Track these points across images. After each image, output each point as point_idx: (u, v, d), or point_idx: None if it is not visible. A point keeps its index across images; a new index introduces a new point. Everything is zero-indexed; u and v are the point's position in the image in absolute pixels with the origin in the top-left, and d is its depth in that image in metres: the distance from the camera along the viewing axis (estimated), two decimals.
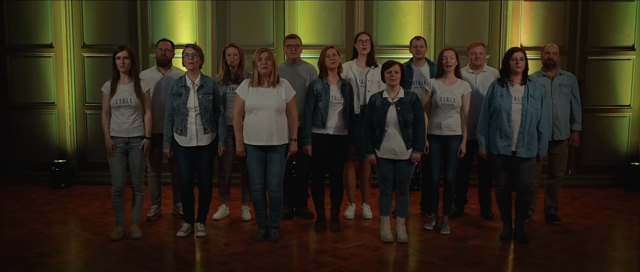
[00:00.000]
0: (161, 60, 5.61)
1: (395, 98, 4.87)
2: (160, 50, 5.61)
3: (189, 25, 7.12)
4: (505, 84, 4.93)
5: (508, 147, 4.87)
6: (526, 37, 7.04)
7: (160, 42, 5.68)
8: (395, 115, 4.82)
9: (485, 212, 5.82)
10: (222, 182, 5.74)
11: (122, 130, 4.92)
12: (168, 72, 5.60)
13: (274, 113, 4.82)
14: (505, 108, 4.85)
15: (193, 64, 4.95)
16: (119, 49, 4.90)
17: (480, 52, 5.56)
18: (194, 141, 4.97)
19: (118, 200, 5.04)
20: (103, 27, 7.15)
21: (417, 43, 5.71)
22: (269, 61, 4.83)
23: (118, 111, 4.91)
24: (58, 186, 7.08)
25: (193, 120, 4.96)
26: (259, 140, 4.85)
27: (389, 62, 4.88)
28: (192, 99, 4.95)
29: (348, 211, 5.81)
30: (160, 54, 5.60)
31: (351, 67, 5.58)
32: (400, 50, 6.95)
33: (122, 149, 4.97)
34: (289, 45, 5.69)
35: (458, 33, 7.02)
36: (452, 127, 5.20)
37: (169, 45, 5.66)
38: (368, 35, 5.59)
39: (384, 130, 4.85)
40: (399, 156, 4.87)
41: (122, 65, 4.88)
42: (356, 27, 7.00)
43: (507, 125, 4.85)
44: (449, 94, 5.17)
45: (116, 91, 4.90)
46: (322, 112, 5.15)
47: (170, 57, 5.65)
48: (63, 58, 7.18)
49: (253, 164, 4.94)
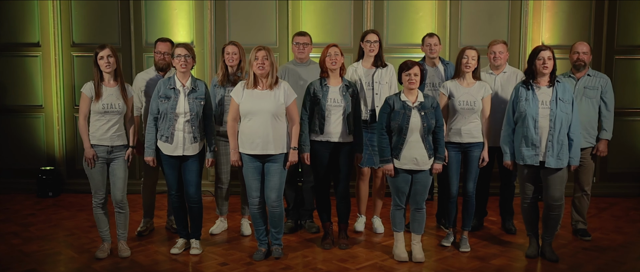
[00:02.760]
0: (160, 64, 5.11)
1: (415, 102, 4.39)
2: (159, 53, 5.09)
3: (186, 22, 6.66)
4: (531, 86, 4.44)
5: (535, 156, 4.38)
6: (548, 35, 6.55)
7: (159, 43, 5.16)
8: (420, 121, 4.35)
9: (506, 225, 5.34)
10: (219, 193, 5.26)
11: (105, 138, 4.45)
12: (168, 75, 5.06)
13: (269, 118, 4.35)
14: (532, 113, 4.35)
15: (185, 67, 4.48)
16: (100, 47, 4.43)
17: (500, 51, 5.08)
18: (180, 149, 4.49)
19: (101, 212, 4.57)
20: (94, 24, 6.70)
21: (430, 41, 5.23)
22: (267, 61, 4.35)
23: (103, 117, 4.44)
24: (45, 194, 6.62)
25: (181, 127, 4.48)
26: (254, 148, 4.37)
27: (408, 63, 4.40)
28: (181, 103, 4.48)
29: (358, 223, 5.34)
30: (159, 57, 5.10)
31: (356, 70, 5.10)
32: (413, 49, 6.45)
33: (104, 159, 4.49)
34: (298, 43, 5.22)
35: (475, 31, 6.53)
36: (473, 133, 4.72)
37: (169, 47, 5.11)
38: (377, 35, 5.08)
39: (404, 138, 4.37)
40: (420, 166, 4.39)
41: (107, 66, 4.41)
42: (365, 25, 6.51)
43: (534, 133, 4.35)
44: (469, 97, 4.69)
45: (102, 95, 4.42)
46: (319, 116, 4.67)
47: (170, 60, 5.11)
48: (51, 57, 6.73)
49: (249, 175, 4.46)
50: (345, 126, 4.69)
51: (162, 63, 5.08)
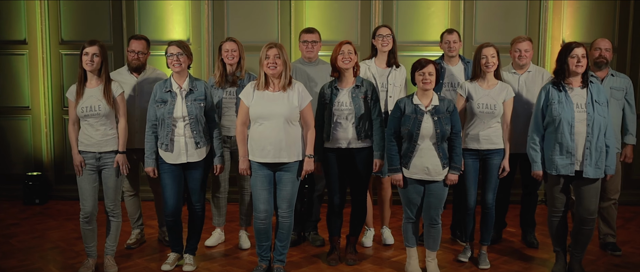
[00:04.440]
0: (134, 64, 4.66)
1: (429, 105, 3.97)
2: (133, 52, 4.63)
3: (182, 18, 6.26)
4: (563, 87, 4.01)
5: (571, 166, 3.95)
6: (569, 32, 6.13)
7: (132, 41, 4.68)
8: (432, 126, 3.92)
9: (528, 238, 4.92)
10: (216, 202, 4.85)
11: (92, 143, 4.05)
12: (143, 75, 4.67)
13: (282, 123, 3.93)
14: (567, 118, 3.93)
15: (180, 66, 4.06)
16: (89, 43, 4.03)
17: (526, 49, 4.66)
18: (183, 156, 4.09)
19: (88, 227, 4.17)
20: (84, 20, 6.29)
21: (449, 37, 4.81)
22: (279, 59, 3.93)
23: (85, 121, 4.04)
24: (32, 202, 6.21)
25: (181, 133, 4.08)
26: (265, 156, 3.95)
27: (422, 62, 3.98)
28: (179, 106, 4.07)
29: (366, 238, 4.92)
30: (133, 57, 4.63)
31: (370, 67, 4.70)
32: (424, 47, 6.06)
33: (93, 167, 4.09)
34: (306, 41, 4.81)
35: (490, 28, 6.11)
36: (493, 139, 4.30)
37: (144, 46, 4.67)
38: (389, 28, 4.71)
39: (415, 145, 3.95)
40: (432, 176, 3.97)
41: (89, 64, 4.00)
42: (373, 21, 6.10)
43: (570, 139, 3.93)
44: (489, 99, 4.28)
45: (82, 96, 4.01)
46: (328, 121, 4.26)
47: (145, 60, 4.70)
48: (38, 56, 6.32)
49: (258, 184, 4.04)
50: (355, 131, 4.27)
51: (136, 63, 4.64)
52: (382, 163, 4.32)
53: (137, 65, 4.65)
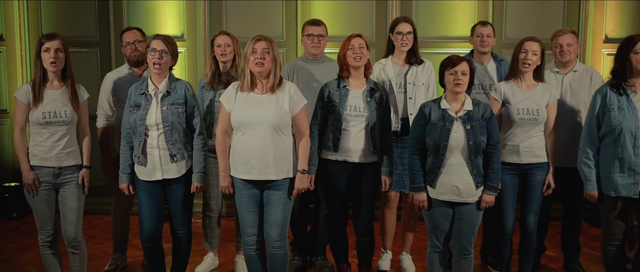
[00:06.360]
0: (132, 58, 4.09)
1: (460, 111, 3.27)
2: (129, 44, 4.09)
3: (175, 11, 5.61)
4: (624, 90, 3.30)
5: (634, 186, 3.25)
6: (613, 26, 5.42)
7: (125, 33, 4.17)
8: (464, 136, 3.22)
9: (572, 265, 4.23)
10: (208, 222, 4.19)
11: (50, 157, 3.39)
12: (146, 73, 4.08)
13: (269, 132, 3.25)
14: (629, 127, 3.22)
15: (160, 66, 3.39)
16: (48, 37, 3.37)
17: (569, 44, 3.97)
18: (158, 172, 3.42)
19: (49, 252, 3.54)
20: (66, 14, 5.67)
21: (482, 30, 4.13)
22: (268, 55, 3.25)
23: (44, 129, 3.38)
24: (9, 216, 5.59)
25: (155, 143, 3.41)
26: (249, 171, 3.28)
27: (453, 59, 3.27)
28: (153, 112, 3.40)
29: (382, 260, 4.23)
30: (131, 49, 4.09)
31: (385, 68, 4.02)
32: (447, 43, 5.38)
33: (50, 184, 3.44)
34: (311, 34, 4.13)
35: (523, 21, 5.41)
36: (535, 151, 3.63)
37: (139, 35, 4.13)
38: (410, 24, 4.00)
39: (443, 159, 3.25)
40: (463, 198, 3.27)
41: (53, 63, 3.34)
42: (390, 14, 5.41)
43: (633, 154, 3.23)
44: (530, 103, 3.60)
45: (42, 100, 3.36)
46: (334, 128, 3.58)
47: (144, 50, 4.09)
48: (16, 53, 5.71)
49: (243, 206, 3.37)
50: (369, 142, 3.59)
51: (135, 55, 4.04)
52: (392, 182, 3.69)
53: (137, 58, 4.04)
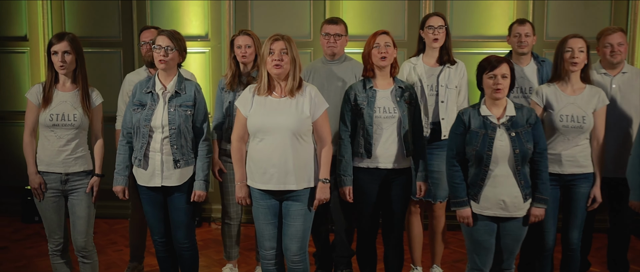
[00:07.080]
0: (147, 57, 3.94)
1: (502, 117, 2.99)
2: (145, 43, 3.96)
3: (200, 11, 5.45)
4: None
5: None
6: None
7: (144, 32, 4.05)
8: (509, 145, 2.94)
9: None
10: (227, 230, 3.99)
11: (56, 162, 3.24)
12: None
13: (289, 139, 3.03)
14: None
15: (165, 62, 3.21)
16: (57, 38, 3.23)
17: (619, 43, 3.66)
18: (157, 178, 3.24)
19: (59, 262, 3.41)
20: (90, 14, 5.56)
21: (520, 29, 3.84)
22: (286, 56, 3.03)
23: (52, 132, 3.24)
24: (31, 219, 5.48)
25: (158, 147, 3.22)
26: (267, 181, 3.06)
27: (492, 60, 2.99)
28: (159, 113, 3.22)
29: None
30: (146, 49, 3.95)
31: (415, 67, 3.76)
32: (484, 43, 5.09)
33: (58, 191, 3.29)
34: (327, 33, 3.90)
35: (566, 19, 5.07)
36: (580, 161, 3.35)
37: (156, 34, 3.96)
38: (442, 18, 3.76)
39: (487, 170, 2.97)
40: (510, 212, 2.99)
41: (61, 64, 3.19)
42: (423, 13, 5.13)
43: None
44: (575, 109, 3.31)
45: (51, 101, 3.21)
46: (364, 133, 3.34)
47: None
48: (40, 54, 5.61)
49: (261, 217, 3.15)
50: (402, 146, 3.34)
51: (150, 55, 3.88)
52: (427, 187, 3.47)
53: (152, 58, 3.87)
